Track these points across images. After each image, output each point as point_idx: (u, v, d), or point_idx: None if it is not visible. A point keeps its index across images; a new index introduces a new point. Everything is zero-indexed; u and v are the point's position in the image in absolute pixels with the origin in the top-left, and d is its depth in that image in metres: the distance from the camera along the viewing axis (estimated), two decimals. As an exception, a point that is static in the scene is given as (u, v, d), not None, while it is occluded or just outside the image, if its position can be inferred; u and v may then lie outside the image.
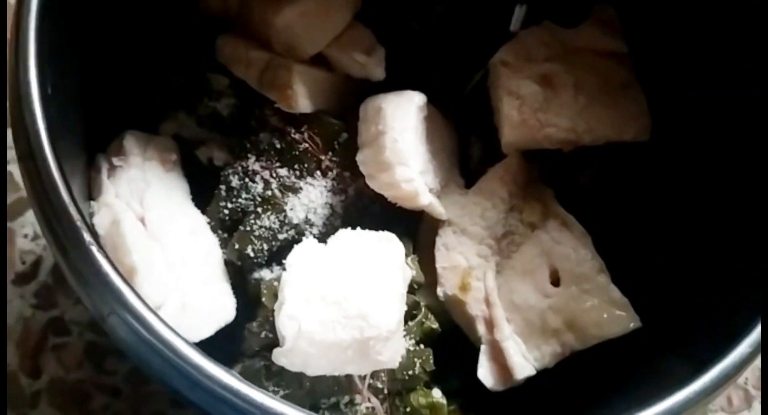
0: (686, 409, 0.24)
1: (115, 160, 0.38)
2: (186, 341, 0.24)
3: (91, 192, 0.37)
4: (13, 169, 0.51)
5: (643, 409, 0.24)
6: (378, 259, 0.34)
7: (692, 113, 0.38)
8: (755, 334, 0.26)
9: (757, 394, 0.50)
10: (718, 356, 0.25)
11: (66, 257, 0.24)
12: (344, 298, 0.32)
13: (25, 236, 0.51)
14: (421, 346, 0.36)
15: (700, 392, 0.25)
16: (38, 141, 0.24)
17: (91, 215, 0.36)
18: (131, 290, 0.24)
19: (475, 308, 0.37)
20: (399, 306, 0.33)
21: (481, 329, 0.37)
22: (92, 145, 0.38)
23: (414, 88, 0.39)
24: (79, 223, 0.24)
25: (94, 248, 0.24)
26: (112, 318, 0.24)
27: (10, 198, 0.51)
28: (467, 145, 0.42)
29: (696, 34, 0.37)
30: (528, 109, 0.37)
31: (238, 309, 0.37)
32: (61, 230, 0.24)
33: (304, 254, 0.34)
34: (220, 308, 0.37)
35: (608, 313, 0.36)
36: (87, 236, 0.24)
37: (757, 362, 0.40)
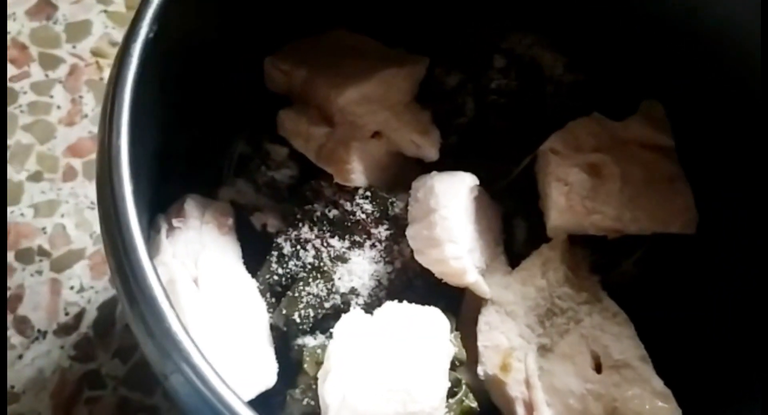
0: None
1: (175, 222, 0.40)
2: (247, 405, 0.25)
3: (150, 251, 0.39)
4: (67, 222, 0.54)
5: None
6: (423, 333, 0.34)
7: (739, 207, 0.39)
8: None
9: None
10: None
11: (136, 311, 0.25)
12: (389, 370, 0.33)
13: (71, 287, 0.52)
14: (460, 424, 0.36)
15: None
16: (123, 204, 0.26)
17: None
18: (197, 349, 0.25)
19: (515, 390, 0.37)
20: (443, 382, 0.33)
21: (520, 411, 0.37)
22: (154, 206, 0.40)
23: (464, 168, 0.40)
24: (154, 281, 0.25)
25: (166, 306, 0.25)
26: (175, 377, 0.25)
27: (60, 250, 0.53)
28: (512, 227, 0.43)
29: (742, 131, 0.39)
30: (575, 196, 0.38)
31: (278, 375, 0.38)
32: (137, 286, 0.25)
33: (351, 324, 0.35)
34: (262, 371, 0.38)
35: (650, 403, 0.35)
36: (161, 294, 0.25)
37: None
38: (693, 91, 0.41)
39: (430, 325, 0.35)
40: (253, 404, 0.36)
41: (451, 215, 0.37)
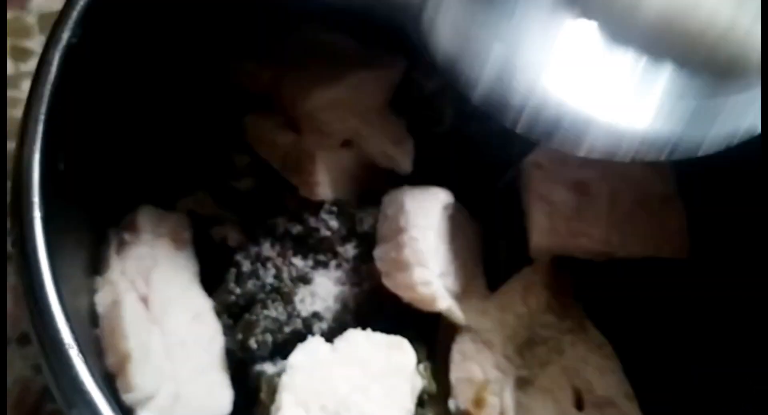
0: None
1: (126, 236, 0.37)
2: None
3: (99, 267, 0.36)
4: None
5: None
6: (387, 367, 0.31)
7: (733, 230, 0.35)
8: None
9: None
10: None
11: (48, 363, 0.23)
12: (347, 408, 0.30)
13: None
14: (426, 465, 0.33)
15: None
16: (31, 232, 0.23)
17: (94, 291, 0.35)
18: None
19: (489, 427, 0.34)
20: (405, 423, 0.30)
21: (494, 450, 0.34)
22: (105, 218, 0.37)
23: (440, 182, 0.37)
24: (64, 328, 0.22)
25: (73, 353, 0.22)
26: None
27: None
28: (493, 245, 0.39)
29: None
30: (559, 217, 0.35)
31: (235, 403, 0.35)
32: (45, 332, 0.22)
33: (308, 355, 0.32)
34: (216, 400, 0.35)
35: (635, 447, 0.32)
36: (68, 340, 0.22)
37: None
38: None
39: (394, 357, 0.32)
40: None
41: (421, 236, 0.34)
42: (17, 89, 0.56)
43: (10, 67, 0.56)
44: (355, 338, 0.33)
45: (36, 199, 0.23)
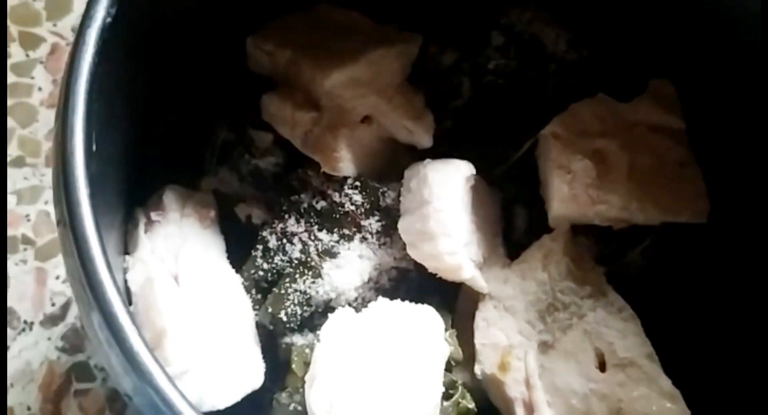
0: None
1: (154, 215, 0.38)
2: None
3: (128, 246, 0.37)
4: (51, 209, 0.51)
5: None
6: (415, 334, 0.32)
7: (752, 195, 0.36)
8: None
9: None
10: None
11: (96, 325, 0.23)
12: (379, 375, 0.31)
13: (57, 277, 0.51)
14: (457, 428, 0.34)
15: None
16: (78, 208, 0.23)
17: (125, 270, 0.36)
18: (160, 369, 0.23)
19: (515, 390, 0.35)
20: (437, 387, 0.31)
21: (520, 412, 0.35)
22: (132, 198, 0.38)
23: (460, 155, 0.38)
24: (115, 297, 0.23)
25: (127, 323, 0.23)
26: (138, 398, 0.23)
27: (45, 238, 0.51)
28: (511, 215, 0.40)
29: (755, 113, 0.36)
30: (579, 184, 0.36)
31: (266, 374, 0.36)
32: (96, 302, 0.23)
33: (339, 325, 0.33)
34: (248, 372, 0.36)
35: (657, 404, 0.34)
36: (121, 310, 0.23)
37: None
38: (705, 69, 0.39)
39: (423, 325, 0.33)
40: (241, 404, 0.35)
41: (445, 207, 0.35)
42: (28, 77, 0.56)
43: (20, 55, 0.57)
44: (383, 307, 0.34)
45: (82, 178, 0.24)
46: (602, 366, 0.35)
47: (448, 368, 0.35)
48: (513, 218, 0.41)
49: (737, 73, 0.37)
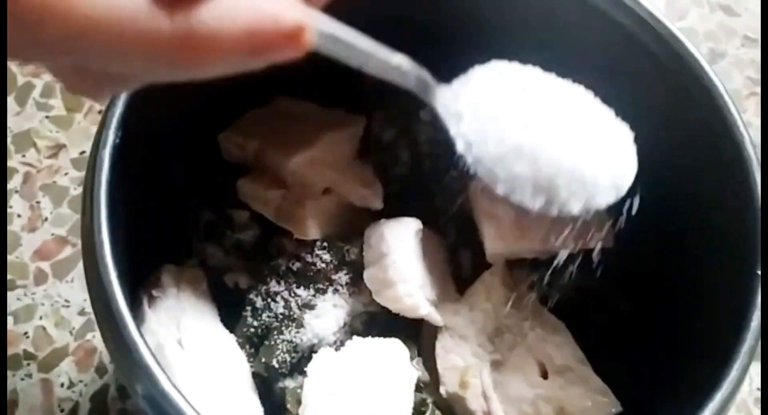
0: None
1: (154, 292, 0.44)
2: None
3: (137, 321, 0.43)
4: (46, 323, 0.56)
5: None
6: (386, 362, 0.39)
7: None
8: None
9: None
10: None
11: (132, 377, 0.30)
12: (359, 398, 0.37)
13: (62, 384, 0.55)
14: (430, 439, 0.40)
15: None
16: (112, 293, 0.30)
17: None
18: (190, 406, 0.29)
19: (475, 403, 0.41)
20: (407, 404, 0.38)
21: (482, 421, 0.42)
22: (133, 281, 0.44)
23: (407, 211, 0.45)
24: (146, 351, 0.30)
25: (158, 371, 0.30)
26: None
27: (45, 351, 0.55)
28: (458, 257, 0.48)
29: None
30: (505, 227, 0.43)
31: (265, 416, 0.42)
32: (131, 357, 0.30)
33: (322, 362, 0.39)
34: (249, 416, 0.42)
35: (592, 400, 0.40)
36: (152, 361, 0.30)
37: None
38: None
39: (392, 354, 0.40)
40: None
41: (400, 257, 0.42)
42: (6, 207, 0.59)
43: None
44: (358, 344, 0.40)
45: (112, 270, 0.31)
46: (545, 374, 0.42)
47: (419, 389, 0.41)
48: (459, 260, 0.48)
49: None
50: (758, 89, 0.70)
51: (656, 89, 0.42)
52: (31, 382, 0.54)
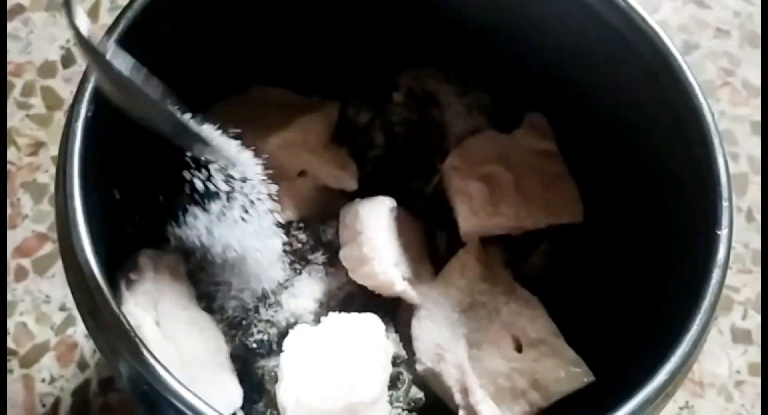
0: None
1: (132, 276, 0.44)
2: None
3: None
4: (27, 319, 0.56)
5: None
6: (362, 336, 0.39)
7: (617, 198, 0.45)
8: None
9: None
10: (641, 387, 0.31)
11: (116, 353, 0.30)
12: (334, 371, 0.38)
13: (43, 380, 0.55)
14: (409, 413, 0.41)
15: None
16: (94, 281, 0.31)
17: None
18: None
19: (451, 378, 0.42)
20: (382, 376, 0.38)
21: (458, 396, 0.41)
22: (111, 265, 0.44)
23: (382, 193, 0.46)
24: (127, 325, 0.30)
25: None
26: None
27: (26, 347, 0.55)
28: (434, 238, 0.48)
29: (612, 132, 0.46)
30: (477, 204, 0.44)
31: (245, 396, 0.42)
32: (111, 332, 0.30)
33: (298, 337, 0.40)
34: (229, 395, 0.42)
35: (565, 371, 0.41)
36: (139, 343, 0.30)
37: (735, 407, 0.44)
38: (568, 102, 0.48)
39: (368, 328, 0.40)
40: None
41: (375, 235, 0.43)
42: None
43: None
44: (334, 319, 0.41)
45: (88, 246, 0.31)
46: (519, 348, 0.43)
47: (395, 364, 0.42)
48: (436, 241, 0.48)
49: (593, 103, 0.47)
50: (731, 79, 0.72)
51: (624, 71, 0.43)
52: (12, 377, 0.54)
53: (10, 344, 0.56)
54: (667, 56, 0.40)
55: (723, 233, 0.33)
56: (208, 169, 0.41)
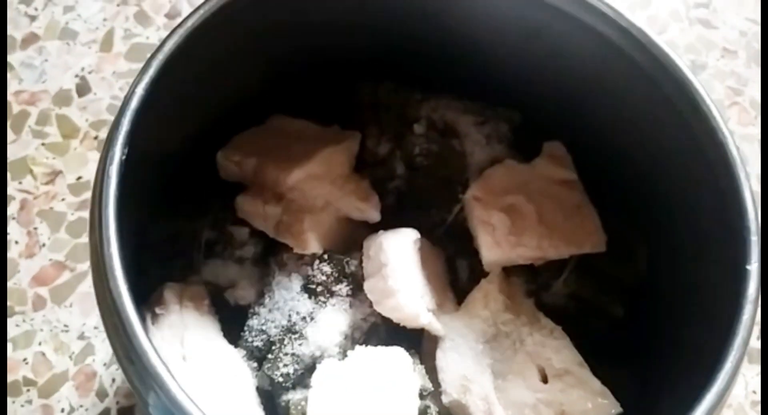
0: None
1: (157, 309, 0.44)
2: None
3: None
4: (45, 349, 0.56)
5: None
6: (389, 371, 0.40)
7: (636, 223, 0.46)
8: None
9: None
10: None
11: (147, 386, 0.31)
12: (363, 406, 0.38)
13: (62, 410, 0.55)
14: (436, 446, 0.41)
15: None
16: (123, 308, 0.31)
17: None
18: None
19: (476, 410, 0.42)
20: (411, 412, 0.38)
21: (484, 427, 0.42)
22: (137, 299, 0.44)
23: (404, 223, 0.46)
24: (156, 360, 0.30)
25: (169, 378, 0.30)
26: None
27: (45, 377, 0.56)
28: (455, 267, 0.49)
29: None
30: (500, 234, 0.44)
31: (270, 431, 0.42)
32: (144, 368, 0.30)
33: (326, 372, 0.40)
34: (255, 430, 0.42)
35: (592, 402, 0.41)
36: (164, 370, 0.30)
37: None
38: (587, 131, 0.49)
39: (395, 362, 0.40)
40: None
41: (399, 267, 0.43)
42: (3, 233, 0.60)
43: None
44: (361, 353, 0.41)
45: (123, 286, 0.32)
46: (545, 379, 0.43)
47: (422, 397, 0.42)
48: (457, 270, 0.49)
49: (612, 132, 0.48)
50: (739, 99, 0.72)
51: (641, 99, 0.44)
52: (31, 408, 0.54)
53: (29, 374, 0.56)
54: (684, 82, 0.40)
55: (753, 267, 0.34)
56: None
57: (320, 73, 0.50)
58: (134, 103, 0.35)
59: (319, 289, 0.45)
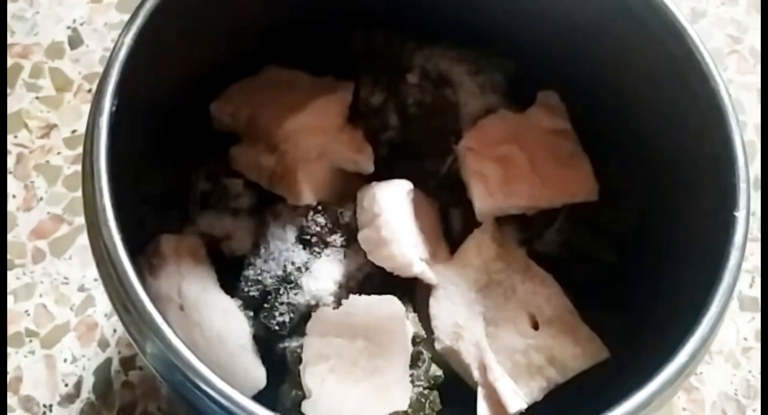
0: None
1: (154, 260, 0.45)
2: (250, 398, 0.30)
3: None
4: (46, 300, 0.57)
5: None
6: (383, 318, 0.40)
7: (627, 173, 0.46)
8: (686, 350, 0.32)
9: (748, 403, 0.56)
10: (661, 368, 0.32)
11: (141, 334, 0.31)
12: (357, 353, 0.39)
13: (65, 360, 0.56)
14: (429, 390, 0.42)
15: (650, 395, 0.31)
16: (116, 251, 0.31)
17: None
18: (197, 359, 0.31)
19: (469, 356, 0.43)
20: (403, 356, 0.39)
21: (476, 373, 0.43)
22: (133, 250, 0.45)
23: (398, 174, 0.46)
24: (152, 310, 0.31)
25: (165, 327, 0.31)
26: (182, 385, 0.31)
27: (47, 328, 0.56)
28: (448, 218, 0.49)
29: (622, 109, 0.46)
30: (492, 184, 0.45)
31: (268, 376, 0.43)
32: (138, 315, 0.31)
33: (320, 320, 0.41)
34: (252, 376, 0.43)
35: (581, 347, 0.42)
36: (160, 319, 0.31)
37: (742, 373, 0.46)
38: (581, 79, 0.48)
39: (388, 310, 0.41)
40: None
41: (392, 217, 0.43)
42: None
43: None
44: (355, 301, 0.41)
45: (117, 237, 0.32)
46: (535, 325, 0.43)
47: (415, 343, 0.43)
48: (450, 220, 0.49)
49: (607, 80, 0.47)
50: (739, 47, 0.71)
51: (636, 46, 0.43)
52: (34, 358, 0.56)
53: (31, 325, 0.57)
54: (678, 27, 0.40)
55: (740, 214, 0.34)
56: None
57: (314, 23, 0.49)
58: (123, 54, 0.35)
59: (314, 239, 0.45)
